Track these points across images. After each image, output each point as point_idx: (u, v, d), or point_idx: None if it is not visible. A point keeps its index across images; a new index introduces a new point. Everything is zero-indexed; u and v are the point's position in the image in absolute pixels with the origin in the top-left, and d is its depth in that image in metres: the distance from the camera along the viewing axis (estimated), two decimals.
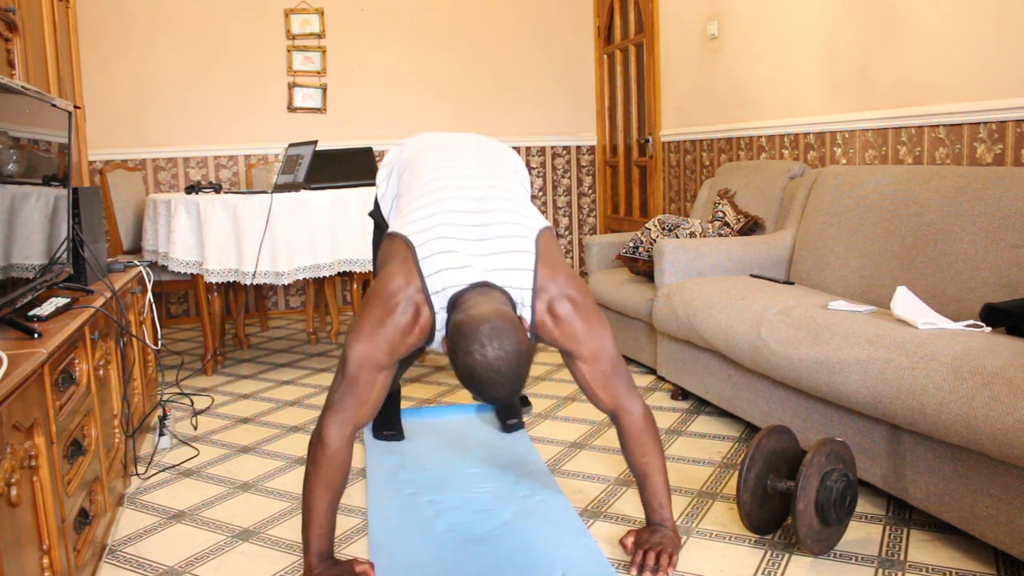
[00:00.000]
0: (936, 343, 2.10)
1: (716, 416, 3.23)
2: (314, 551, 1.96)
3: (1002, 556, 2.02)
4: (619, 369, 2.09)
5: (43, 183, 2.13)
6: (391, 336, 1.95)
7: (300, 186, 4.04)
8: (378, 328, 1.95)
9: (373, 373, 1.96)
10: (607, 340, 2.07)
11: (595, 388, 2.10)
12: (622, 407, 2.10)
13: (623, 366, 2.10)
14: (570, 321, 2.04)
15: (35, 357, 1.63)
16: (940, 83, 3.12)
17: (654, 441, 2.11)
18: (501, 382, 1.77)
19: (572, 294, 2.05)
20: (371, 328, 1.95)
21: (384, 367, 1.97)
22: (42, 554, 1.64)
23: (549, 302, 2.03)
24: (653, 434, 2.12)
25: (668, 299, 3.31)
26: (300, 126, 5.78)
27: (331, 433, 1.95)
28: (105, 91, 5.42)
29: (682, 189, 5.18)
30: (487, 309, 1.84)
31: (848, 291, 3.05)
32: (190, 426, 3.33)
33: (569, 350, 2.07)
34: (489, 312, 1.83)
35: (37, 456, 1.62)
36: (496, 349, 1.76)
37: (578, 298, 2.05)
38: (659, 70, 5.33)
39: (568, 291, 2.04)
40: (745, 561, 2.08)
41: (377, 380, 1.97)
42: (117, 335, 2.65)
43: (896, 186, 2.97)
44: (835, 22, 3.67)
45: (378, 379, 1.97)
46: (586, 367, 2.08)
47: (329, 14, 5.79)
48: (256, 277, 3.81)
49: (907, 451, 2.15)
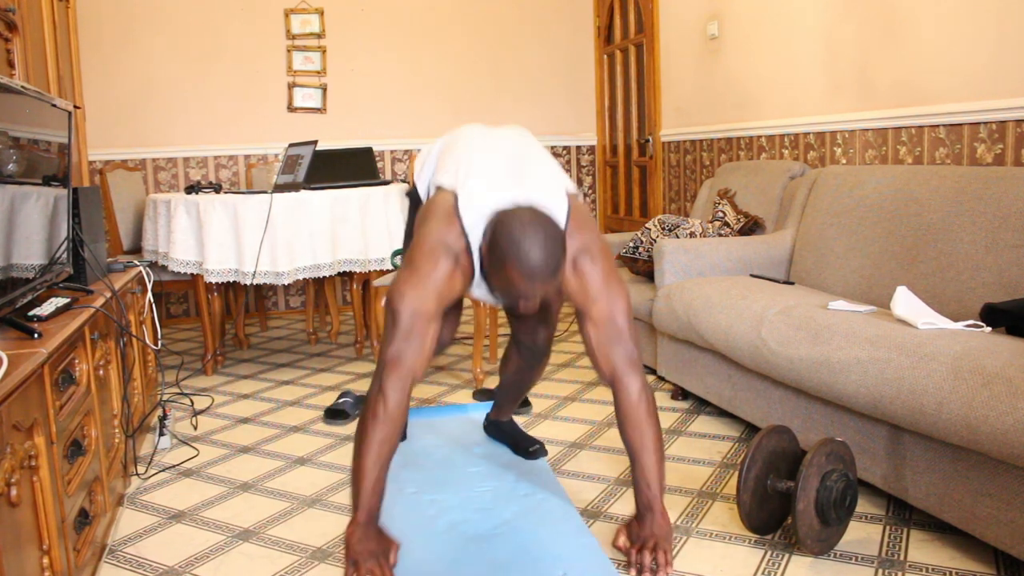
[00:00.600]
0: (936, 343, 2.10)
1: (716, 416, 3.23)
2: (364, 507, 1.98)
3: (1002, 556, 2.02)
4: (625, 340, 2.09)
5: (43, 183, 2.13)
6: (438, 284, 2.02)
7: (300, 186, 4.04)
8: (425, 279, 2.01)
9: (426, 323, 2.00)
10: (620, 307, 2.08)
11: (598, 353, 2.11)
12: (620, 379, 2.10)
13: (632, 339, 2.10)
14: (589, 277, 2.08)
15: (35, 357, 1.63)
16: (940, 83, 3.12)
17: (649, 418, 2.10)
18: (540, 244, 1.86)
19: (596, 252, 2.09)
20: (417, 279, 2.01)
21: (434, 317, 2.02)
22: (42, 554, 1.64)
23: (574, 254, 2.06)
24: (648, 410, 2.10)
25: (668, 299, 3.31)
26: (300, 126, 5.78)
27: (392, 388, 1.97)
28: (105, 91, 5.42)
29: (682, 189, 5.18)
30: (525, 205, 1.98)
31: (848, 291, 3.05)
32: (190, 426, 3.33)
33: (582, 306, 2.10)
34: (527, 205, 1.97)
35: (37, 456, 1.62)
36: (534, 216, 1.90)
37: (601, 258, 2.10)
38: (659, 70, 5.33)
39: (593, 249, 2.09)
40: (745, 561, 2.08)
41: (429, 331, 2.01)
42: (117, 335, 2.65)
43: (896, 186, 2.97)
44: (835, 22, 3.67)
45: (430, 330, 2.01)
46: (593, 329, 2.09)
47: (329, 14, 5.78)
48: (256, 277, 3.80)
49: (907, 451, 2.15)
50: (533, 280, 1.88)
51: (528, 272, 1.87)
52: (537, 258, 1.86)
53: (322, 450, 3.02)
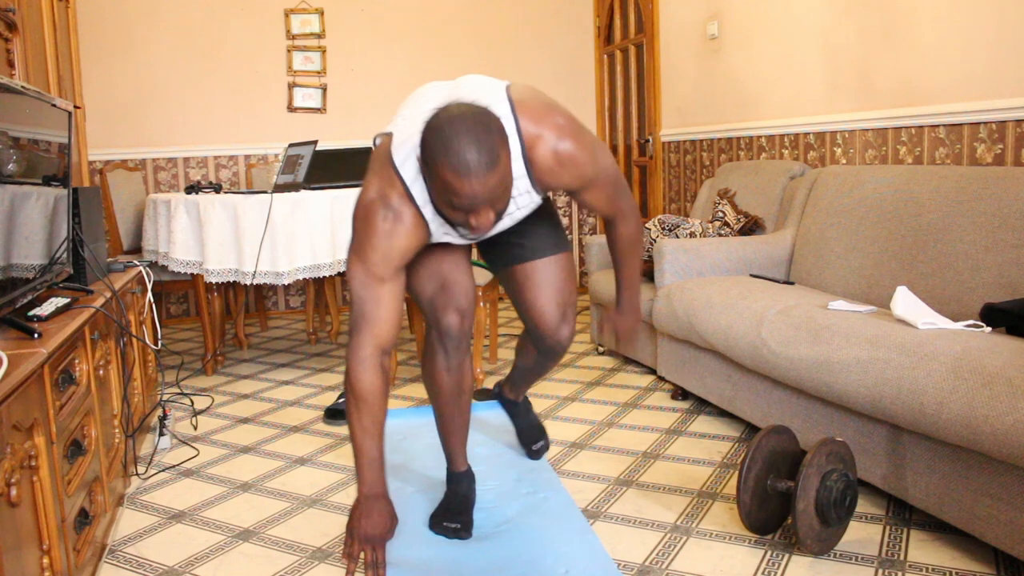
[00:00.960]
0: (936, 343, 2.10)
1: (716, 416, 3.23)
2: (365, 482, 1.96)
3: (1002, 556, 2.02)
4: (621, 187, 2.09)
5: (43, 183, 2.13)
6: (379, 244, 1.91)
7: (300, 186, 4.04)
8: (364, 243, 1.92)
9: (375, 289, 1.92)
10: (610, 163, 2.04)
11: (603, 208, 2.11)
12: (622, 217, 2.15)
13: (624, 182, 2.12)
14: (576, 161, 1.93)
15: (35, 357, 1.63)
16: (940, 83, 3.12)
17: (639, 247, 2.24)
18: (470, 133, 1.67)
19: (567, 132, 1.93)
20: (359, 246, 1.94)
21: (385, 278, 1.93)
22: (42, 554, 1.64)
23: (553, 148, 1.91)
24: (640, 241, 2.24)
25: (668, 299, 3.31)
26: (300, 126, 5.78)
27: (355, 362, 1.93)
28: (105, 91, 5.42)
29: (682, 189, 5.18)
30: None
31: (848, 291, 3.05)
32: (190, 426, 3.33)
33: (581, 188, 2.00)
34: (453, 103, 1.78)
35: (37, 456, 1.62)
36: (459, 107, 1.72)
37: (575, 133, 1.95)
38: (659, 70, 5.33)
39: (563, 131, 1.92)
40: (745, 561, 2.08)
41: (382, 295, 1.93)
42: (117, 335, 2.65)
43: (896, 186, 2.97)
44: (835, 22, 3.67)
45: (382, 293, 1.93)
46: (596, 193, 2.04)
47: (329, 14, 5.78)
48: (256, 277, 3.80)
49: (907, 451, 2.15)
50: (469, 176, 1.67)
51: (461, 167, 1.66)
52: (466, 148, 1.66)
53: (322, 450, 3.02)
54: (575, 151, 1.92)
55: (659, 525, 2.30)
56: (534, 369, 2.62)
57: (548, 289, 2.26)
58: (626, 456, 2.82)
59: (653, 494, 2.51)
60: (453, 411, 2.33)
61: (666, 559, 2.10)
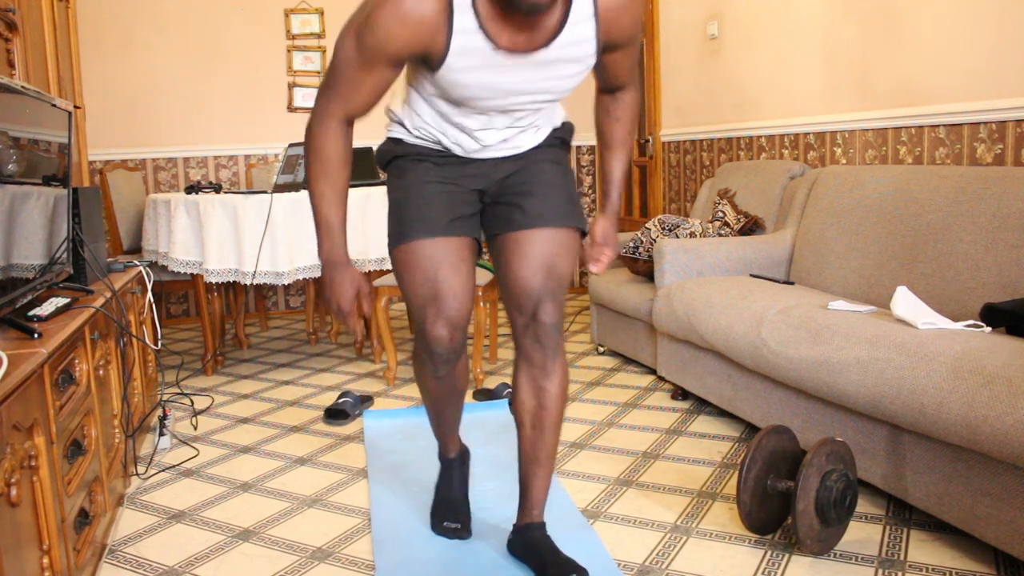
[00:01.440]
0: (936, 343, 2.10)
1: (716, 416, 3.23)
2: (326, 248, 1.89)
3: (1002, 556, 2.02)
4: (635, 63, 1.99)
5: (43, 183, 2.13)
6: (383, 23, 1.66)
7: (300, 186, 4.04)
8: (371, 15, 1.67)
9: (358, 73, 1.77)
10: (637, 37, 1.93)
11: (622, 73, 1.96)
12: (624, 88, 2.01)
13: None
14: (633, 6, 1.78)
15: (35, 357, 1.63)
16: (940, 83, 3.12)
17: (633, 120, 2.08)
18: None
19: None
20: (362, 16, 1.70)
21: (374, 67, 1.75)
22: (42, 554, 1.64)
23: None
24: (635, 114, 2.09)
25: (668, 299, 3.31)
26: (300, 126, 5.70)
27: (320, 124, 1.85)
28: (105, 91, 5.42)
29: (682, 189, 5.18)
30: None
31: (848, 291, 3.05)
32: (190, 426, 3.33)
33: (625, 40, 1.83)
34: None
35: (37, 456, 1.62)
36: None
37: None
38: (659, 70, 5.33)
39: None
40: (745, 561, 2.08)
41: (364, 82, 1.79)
42: (117, 335, 2.65)
43: (896, 186, 2.97)
44: (835, 22, 3.67)
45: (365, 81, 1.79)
46: (623, 54, 1.89)
47: (329, 14, 5.78)
48: (256, 277, 3.81)
49: (907, 451, 2.15)
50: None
51: None
52: None
53: (322, 450, 3.02)
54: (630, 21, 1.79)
55: (659, 525, 2.30)
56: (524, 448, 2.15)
57: (535, 260, 1.94)
58: (626, 456, 2.83)
59: (653, 494, 2.51)
60: (444, 407, 2.25)
61: (666, 559, 2.10)
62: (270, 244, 3.79)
